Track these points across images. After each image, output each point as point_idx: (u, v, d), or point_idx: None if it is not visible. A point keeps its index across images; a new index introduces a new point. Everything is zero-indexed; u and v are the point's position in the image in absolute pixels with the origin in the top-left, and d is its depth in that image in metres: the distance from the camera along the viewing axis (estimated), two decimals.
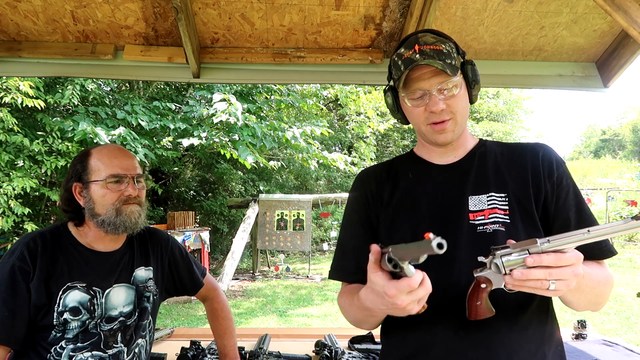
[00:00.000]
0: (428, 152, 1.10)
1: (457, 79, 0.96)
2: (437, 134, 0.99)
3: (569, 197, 0.98)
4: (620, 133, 35.78)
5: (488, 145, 1.09)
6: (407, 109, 1.04)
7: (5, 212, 5.75)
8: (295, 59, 1.90)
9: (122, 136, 5.92)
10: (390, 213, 1.05)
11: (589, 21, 1.79)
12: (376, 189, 1.10)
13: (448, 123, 0.98)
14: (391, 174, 1.11)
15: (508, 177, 1.00)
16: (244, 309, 7.04)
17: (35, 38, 1.83)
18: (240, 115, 6.22)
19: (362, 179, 1.15)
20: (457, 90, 0.97)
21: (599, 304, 0.96)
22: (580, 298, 0.91)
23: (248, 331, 2.43)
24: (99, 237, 1.30)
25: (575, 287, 0.79)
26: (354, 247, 1.08)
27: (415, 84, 0.97)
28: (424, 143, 1.09)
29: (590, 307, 0.96)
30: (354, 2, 1.70)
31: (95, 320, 1.23)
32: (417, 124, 1.03)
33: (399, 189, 1.07)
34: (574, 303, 0.93)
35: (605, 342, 2.05)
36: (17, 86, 5.53)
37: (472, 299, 0.87)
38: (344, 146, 15.49)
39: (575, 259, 0.75)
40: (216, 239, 11.75)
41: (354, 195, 1.14)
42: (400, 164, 1.14)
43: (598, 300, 0.94)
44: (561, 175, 1.00)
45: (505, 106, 19.40)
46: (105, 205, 1.26)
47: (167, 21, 1.76)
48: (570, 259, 0.75)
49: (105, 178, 1.26)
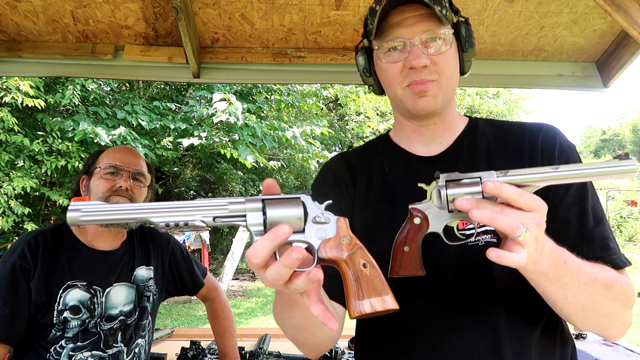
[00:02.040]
0: (407, 137, 0.89)
1: (446, 31, 0.78)
2: (417, 96, 0.78)
3: (570, 194, 0.77)
4: (620, 133, 35.80)
5: (480, 126, 0.88)
6: (380, 68, 0.83)
7: (5, 212, 5.74)
8: (295, 59, 1.90)
9: (122, 136, 5.92)
10: (368, 215, 0.86)
11: (589, 21, 1.79)
12: (349, 176, 0.90)
13: (431, 85, 0.78)
14: (365, 165, 0.91)
15: (502, 159, 0.82)
16: (244, 309, 7.04)
17: (35, 38, 1.83)
18: (240, 115, 6.22)
19: (331, 165, 0.95)
20: (447, 47, 0.78)
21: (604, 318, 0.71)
22: (563, 296, 0.67)
23: (248, 331, 2.43)
24: (98, 233, 1.31)
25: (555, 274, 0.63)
26: None
27: (394, 31, 0.77)
28: (402, 122, 0.89)
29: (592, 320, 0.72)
30: (354, 2, 1.70)
31: (95, 319, 1.23)
32: (393, 87, 0.82)
33: (374, 186, 0.88)
34: (559, 304, 0.70)
35: (605, 342, 2.05)
36: (17, 86, 5.53)
37: (399, 244, 0.67)
38: (344, 146, 15.48)
39: (538, 204, 0.57)
40: (216, 238, 11.75)
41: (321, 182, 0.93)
42: (374, 153, 0.93)
43: (597, 309, 0.70)
44: (564, 159, 0.79)
45: (505, 106, 19.40)
46: (98, 194, 1.27)
47: (167, 21, 1.76)
48: (532, 201, 0.57)
49: (103, 167, 1.29)
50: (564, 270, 0.65)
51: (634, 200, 11.32)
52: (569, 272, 0.65)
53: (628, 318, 0.74)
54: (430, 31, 0.76)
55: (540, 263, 0.62)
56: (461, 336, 0.78)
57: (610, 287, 0.70)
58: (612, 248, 0.76)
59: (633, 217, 12.20)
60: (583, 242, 0.75)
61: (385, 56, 0.81)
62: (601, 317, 0.71)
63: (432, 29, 0.76)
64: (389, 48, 0.79)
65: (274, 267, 0.52)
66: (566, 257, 0.65)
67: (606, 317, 0.71)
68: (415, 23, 0.77)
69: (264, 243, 0.52)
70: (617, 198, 12.82)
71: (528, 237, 0.56)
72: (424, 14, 0.77)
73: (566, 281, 0.66)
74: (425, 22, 0.76)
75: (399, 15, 0.77)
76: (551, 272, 0.64)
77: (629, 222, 12.23)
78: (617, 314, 0.72)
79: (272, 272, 0.52)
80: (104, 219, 0.56)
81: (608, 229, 0.78)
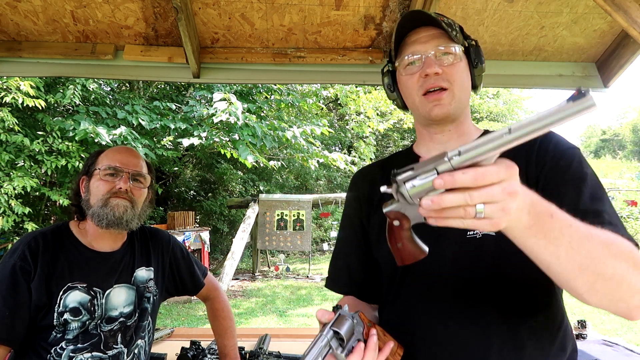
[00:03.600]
0: (426, 146, 1.00)
1: (456, 48, 0.89)
2: (431, 104, 0.89)
3: (567, 179, 0.80)
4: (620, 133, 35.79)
5: None
6: (402, 83, 0.95)
7: (5, 212, 5.75)
8: (295, 59, 1.89)
9: (123, 135, 5.92)
10: (378, 220, 0.98)
11: (589, 21, 1.79)
12: (368, 191, 1.04)
13: (444, 94, 0.88)
14: (385, 174, 1.03)
15: None
16: (244, 309, 7.04)
17: (36, 38, 1.83)
18: (240, 115, 6.21)
19: (355, 181, 1.11)
20: (458, 61, 0.89)
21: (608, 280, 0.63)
22: (560, 256, 0.61)
23: (248, 331, 2.43)
24: (98, 234, 1.31)
25: (541, 228, 0.59)
26: (345, 254, 1.08)
27: (411, 48, 0.91)
28: (422, 133, 0.99)
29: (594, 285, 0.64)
30: (354, 2, 1.70)
31: (96, 320, 1.23)
32: (412, 97, 0.93)
33: None
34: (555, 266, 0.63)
35: (605, 342, 2.05)
36: (17, 86, 5.53)
37: (392, 242, 0.73)
38: (344, 146, 15.49)
39: (504, 172, 0.54)
40: (216, 239, 11.75)
41: (348, 197, 1.11)
42: (396, 162, 1.05)
43: (598, 270, 0.63)
44: (559, 156, 0.83)
45: (505, 106, 19.42)
46: (97, 195, 1.27)
47: (167, 21, 1.76)
48: (495, 173, 0.54)
49: (102, 168, 1.28)
50: (550, 224, 0.60)
51: (634, 200, 11.32)
52: (558, 226, 0.61)
53: (629, 276, 0.64)
54: (442, 46, 0.88)
55: (520, 218, 0.58)
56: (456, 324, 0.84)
57: (610, 245, 0.64)
58: (605, 218, 0.73)
59: (633, 217, 12.20)
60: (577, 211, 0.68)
61: (405, 70, 0.93)
62: (607, 280, 0.63)
63: (444, 45, 0.88)
64: (408, 63, 0.92)
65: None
66: (553, 211, 0.61)
67: (613, 280, 0.63)
68: (429, 40, 0.90)
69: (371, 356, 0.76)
70: (617, 198, 12.82)
71: (490, 210, 0.55)
72: (436, 33, 0.90)
73: (555, 235, 0.61)
74: (438, 39, 0.89)
75: (414, 36, 0.91)
76: (534, 225, 0.59)
77: (629, 222, 12.23)
78: (626, 277, 0.63)
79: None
80: None
81: (607, 206, 0.76)
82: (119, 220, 1.26)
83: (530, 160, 0.84)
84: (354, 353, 0.75)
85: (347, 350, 0.76)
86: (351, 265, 1.05)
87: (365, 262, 1.03)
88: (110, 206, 1.25)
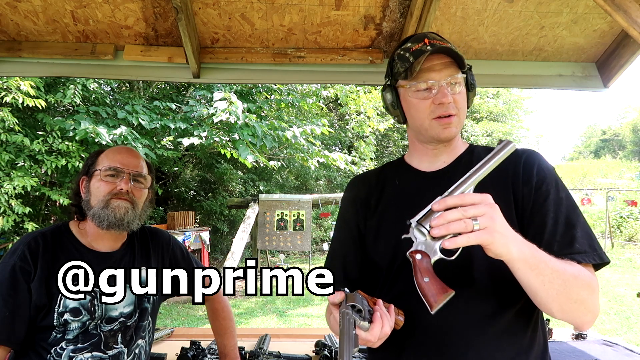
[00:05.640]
0: (418, 158, 1.10)
1: (461, 76, 0.99)
2: (442, 128, 0.99)
3: (548, 203, 0.93)
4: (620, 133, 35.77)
5: (476, 151, 1.07)
6: (409, 103, 1.02)
7: (5, 212, 5.75)
8: (295, 59, 1.89)
9: (123, 135, 5.92)
10: (376, 221, 1.07)
11: (589, 21, 1.79)
12: (365, 194, 1.12)
13: (453, 118, 0.98)
14: (379, 181, 1.13)
15: (490, 183, 0.94)
16: (243, 309, 7.05)
17: (35, 38, 1.83)
18: (240, 114, 6.21)
19: (352, 184, 1.19)
20: (461, 88, 0.99)
21: (576, 304, 0.83)
22: (544, 284, 0.80)
23: (248, 331, 2.44)
24: (98, 234, 1.30)
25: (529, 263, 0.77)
26: (340, 255, 1.13)
27: (426, 74, 0.97)
28: (417, 146, 1.09)
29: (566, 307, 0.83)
30: (354, 2, 1.70)
31: (96, 321, 1.23)
32: (420, 119, 1.01)
33: (385, 196, 1.09)
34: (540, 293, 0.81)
35: (605, 342, 2.05)
36: (17, 86, 5.53)
37: (419, 279, 0.81)
38: (344, 146, 15.49)
39: (480, 195, 0.77)
40: (216, 239, 11.75)
41: (345, 197, 1.18)
42: (389, 171, 1.15)
43: (571, 297, 0.82)
44: (541, 180, 0.95)
45: (505, 106, 19.41)
46: (98, 196, 1.26)
47: (167, 21, 1.76)
48: (474, 196, 0.77)
49: (103, 169, 1.28)
50: (538, 258, 0.79)
51: (634, 200, 11.31)
52: (543, 260, 0.79)
53: (595, 306, 0.86)
54: (453, 76, 0.97)
55: (509, 247, 0.76)
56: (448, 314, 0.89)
57: (577, 277, 0.83)
58: (577, 247, 0.89)
59: (633, 217, 12.19)
60: (554, 241, 0.90)
61: (416, 94, 1.00)
62: (572, 303, 0.83)
63: (453, 74, 0.97)
64: (421, 89, 0.99)
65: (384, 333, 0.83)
66: (536, 248, 0.80)
67: (576, 303, 0.83)
68: (442, 69, 0.97)
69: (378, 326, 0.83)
70: (617, 198, 12.81)
71: (482, 220, 0.74)
72: (447, 62, 0.97)
73: (542, 267, 0.79)
74: (450, 68, 0.97)
75: (428, 62, 0.97)
76: (529, 258, 0.78)
77: (629, 222, 12.22)
78: (586, 301, 0.84)
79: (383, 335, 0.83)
80: None
81: (579, 229, 0.91)
82: (120, 221, 1.26)
83: (517, 177, 0.97)
84: (375, 321, 0.83)
85: (367, 319, 0.83)
86: (347, 264, 1.12)
87: (360, 262, 1.10)
88: (112, 207, 1.25)
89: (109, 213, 1.25)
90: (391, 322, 0.86)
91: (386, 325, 0.83)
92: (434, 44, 0.96)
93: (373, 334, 0.81)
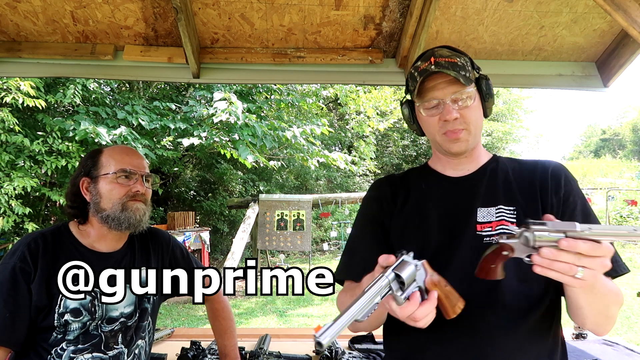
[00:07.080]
0: (442, 165, 1.12)
1: (470, 90, 0.99)
2: (451, 142, 1.01)
3: (576, 214, 0.96)
4: (620, 133, 35.76)
5: (501, 161, 1.10)
6: (422, 119, 1.07)
7: (5, 212, 5.74)
8: (295, 59, 1.90)
9: (123, 135, 5.92)
10: (401, 222, 1.08)
11: (589, 21, 1.79)
12: (391, 194, 1.13)
13: (462, 133, 1.00)
14: (404, 183, 1.15)
15: (517, 191, 1.01)
16: (244, 309, 7.05)
17: (35, 38, 1.83)
18: (240, 114, 6.21)
19: (377, 185, 1.20)
20: (471, 101, 1.00)
21: (608, 319, 0.89)
22: (593, 304, 0.85)
23: (248, 331, 2.44)
24: (102, 235, 1.31)
25: (592, 285, 0.76)
26: (364, 249, 1.11)
27: (430, 93, 1.01)
28: (439, 155, 1.12)
29: (600, 321, 0.90)
30: (354, 2, 1.70)
31: (96, 321, 1.23)
32: (432, 134, 1.06)
33: (411, 199, 1.10)
34: (585, 310, 0.87)
35: (605, 341, 2.05)
36: (17, 86, 5.53)
37: (488, 260, 0.83)
38: (344, 146, 15.48)
39: (607, 250, 0.72)
40: (216, 239, 11.75)
41: (369, 196, 1.18)
42: (413, 175, 1.17)
43: (607, 313, 0.88)
44: (569, 192, 0.99)
45: (505, 106, 19.40)
46: (112, 199, 1.27)
47: (167, 21, 1.76)
48: (604, 250, 0.72)
49: (115, 172, 1.28)
50: (597, 286, 0.80)
51: (634, 200, 11.31)
52: (599, 285, 0.80)
53: (616, 316, 0.92)
54: (458, 92, 0.98)
55: (595, 285, 0.77)
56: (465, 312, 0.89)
57: (616, 295, 0.87)
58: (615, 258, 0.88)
59: (633, 217, 12.19)
60: None
61: (425, 111, 1.04)
62: (605, 318, 0.88)
63: (458, 90, 0.98)
64: (428, 107, 1.02)
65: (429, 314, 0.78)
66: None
67: (608, 318, 0.88)
68: (445, 87, 0.99)
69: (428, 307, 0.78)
70: (617, 198, 12.81)
71: (586, 274, 0.72)
72: (451, 79, 0.98)
73: (596, 292, 0.82)
74: (453, 85, 0.98)
75: (432, 81, 1.00)
76: (591, 286, 0.77)
77: (629, 222, 12.22)
78: (615, 316, 0.89)
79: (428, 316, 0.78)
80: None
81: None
82: (139, 223, 1.29)
83: (545, 188, 1.00)
84: (409, 301, 0.77)
85: (407, 294, 0.77)
86: (367, 259, 1.07)
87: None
88: (132, 210, 1.27)
89: (130, 215, 1.26)
90: (432, 311, 0.79)
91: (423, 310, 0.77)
92: (438, 62, 0.98)
93: (403, 311, 0.76)
